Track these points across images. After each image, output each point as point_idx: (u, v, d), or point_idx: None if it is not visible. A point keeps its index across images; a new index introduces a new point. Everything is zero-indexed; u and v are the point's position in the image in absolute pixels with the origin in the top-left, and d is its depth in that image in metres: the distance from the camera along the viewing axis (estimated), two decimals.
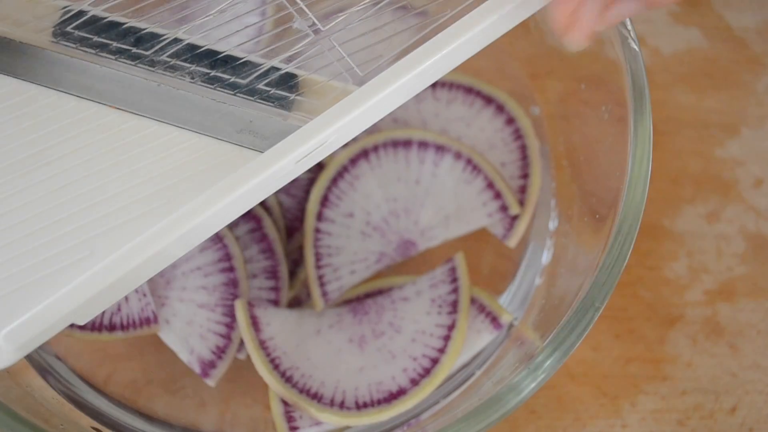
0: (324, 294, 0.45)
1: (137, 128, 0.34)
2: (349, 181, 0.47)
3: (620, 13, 0.32)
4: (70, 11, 0.35)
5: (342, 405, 0.42)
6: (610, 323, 0.49)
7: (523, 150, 0.49)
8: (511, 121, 0.49)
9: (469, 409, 0.35)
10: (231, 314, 0.44)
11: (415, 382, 0.43)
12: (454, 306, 0.44)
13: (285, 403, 0.43)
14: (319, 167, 0.47)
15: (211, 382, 0.44)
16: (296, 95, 0.34)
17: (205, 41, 0.35)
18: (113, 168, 0.33)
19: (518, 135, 0.49)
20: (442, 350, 0.43)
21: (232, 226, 0.46)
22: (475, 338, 0.45)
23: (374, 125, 0.48)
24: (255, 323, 0.43)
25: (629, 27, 0.39)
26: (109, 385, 0.45)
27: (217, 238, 0.45)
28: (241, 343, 0.45)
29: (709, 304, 0.49)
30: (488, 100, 0.49)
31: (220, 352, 0.44)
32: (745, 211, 0.51)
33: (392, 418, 0.43)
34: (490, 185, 0.47)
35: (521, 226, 0.47)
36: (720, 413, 0.47)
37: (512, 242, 0.47)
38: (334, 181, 0.47)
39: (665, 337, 0.49)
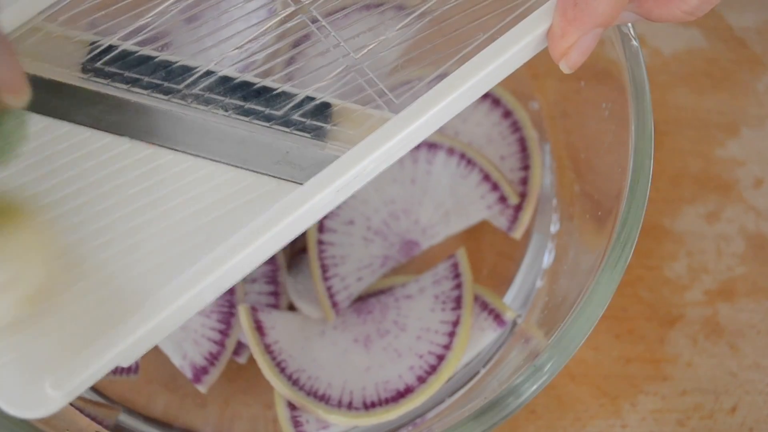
0: (334, 305, 0.45)
1: (173, 164, 0.33)
2: None
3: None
4: (98, 47, 0.34)
5: (350, 405, 0.42)
6: (610, 323, 0.49)
7: (522, 142, 0.49)
8: (507, 114, 0.49)
9: (474, 409, 0.35)
10: (226, 321, 0.44)
11: (422, 380, 0.43)
12: (458, 302, 0.44)
13: (291, 407, 0.43)
14: None
15: (202, 388, 0.44)
16: (332, 125, 0.34)
17: (238, 73, 0.34)
18: (150, 206, 0.32)
19: (516, 127, 0.49)
20: (447, 347, 0.43)
21: None
22: (478, 336, 0.45)
23: None
24: (259, 327, 0.43)
25: (630, 27, 0.39)
26: (109, 386, 0.45)
27: None
28: (240, 346, 0.45)
29: (709, 304, 0.49)
30: (484, 94, 0.49)
31: (213, 358, 0.44)
32: (745, 211, 0.51)
33: (399, 417, 0.43)
34: (486, 177, 0.47)
35: (525, 217, 0.47)
36: (720, 413, 0.47)
37: (518, 233, 0.47)
38: None
39: (665, 337, 0.49)
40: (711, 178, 0.52)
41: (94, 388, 0.45)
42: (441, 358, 0.43)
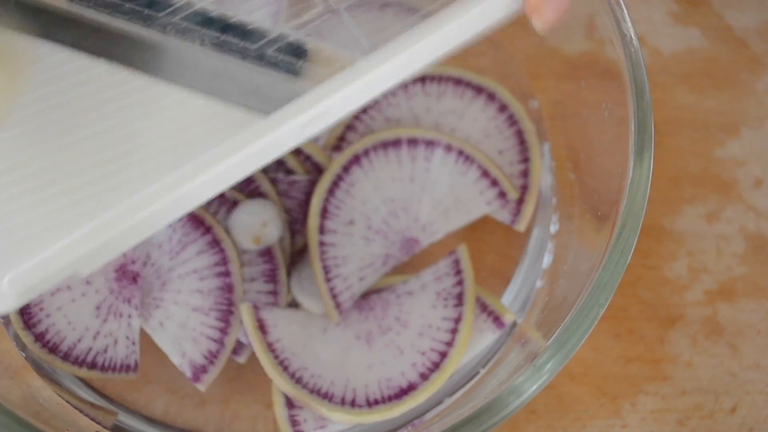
0: (338, 305, 0.45)
1: (146, 87, 0.34)
2: (345, 189, 0.47)
3: None
4: None
5: (353, 403, 0.42)
6: (610, 323, 0.49)
7: (520, 135, 0.49)
8: (503, 108, 0.49)
9: (473, 410, 0.35)
10: (225, 319, 0.44)
11: (424, 377, 0.43)
12: (460, 298, 0.44)
13: (289, 405, 0.43)
14: (315, 179, 0.47)
15: (201, 387, 0.44)
16: (304, 62, 0.35)
17: (216, 6, 0.36)
18: (120, 126, 0.34)
19: (513, 121, 0.49)
20: (450, 343, 0.43)
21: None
22: (478, 338, 0.45)
23: (368, 127, 0.49)
24: (262, 326, 0.43)
25: (629, 26, 0.39)
26: (109, 386, 0.45)
27: (215, 241, 0.45)
28: (239, 346, 0.45)
29: (709, 304, 0.49)
30: (478, 89, 0.49)
31: (212, 357, 0.44)
32: (745, 211, 0.51)
33: (400, 416, 0.43)
34: (485, 173, 0.47)
35: (528, 209, 0.48)
36: (720, 413, 0.47)
37: (521, 226, 0.48)
38: (331, 191, 0.47)
39: (665, 337, 0.49)
40: (711, 178, 0.52)
41: (93, 388, 0.45)
42: (443, 355, 0.43)
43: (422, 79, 0.48)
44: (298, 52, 0.35)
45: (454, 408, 0.43)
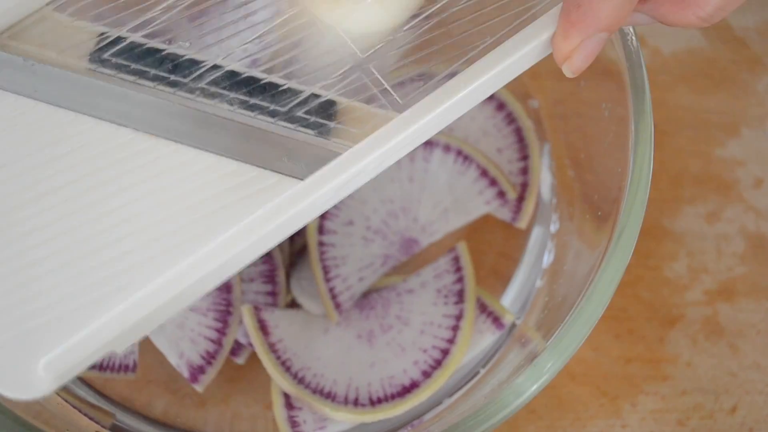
0: (337, 306, 0.45)
1: (174, 155, 0.33)
2: None
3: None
4: (107, 38, 0.34)
5: (356, 402, 0.42)
6: (610, 323, 0.49)
7: (519, 132, 0.49)
8: (501, 106, 0.49)
9: (473, 410, 0.35)
10: (222, 319, 0.44)
11: (427, 375, 0.43)
12: (461, 295, 0.44)
13: (289, 407, 0.43)
14: None
15: (199, 387, 0.43)
16: (336, 123, 0.34)
17: (244, 68, 0.34)
18: (150, 196, 0.32)
19: (511, 119, 0.49)
20: (451, 341, 0.43)
21: None
22: (477, 338, 0.45)
23: None
24: (263, 327, 0.43)
25: (630, 26, 0.39)
26: (108, 386, 0.45)
27: None
28: (238, 347, 0.45)
29: (709, 304, 0.49)
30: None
31: (210, 357, 0.44)
32: (745, 211, 0.51)
33: (399, 416, 0.43)
34: (484, 173, 0.47)
35: (529, 207, 0.48)
36: (720, 413, 0.47)
37: (523, 223, 0.48)
38: None
39: (665, 337, 0.49)
40: (711, 178, 0.52)
41: (92, 387, 0.45)
42: (445, 352, 0.43)
43: (420, 77, 0.48)
44: (329, 112, 0.34)
45: (453, 408, 0.43)
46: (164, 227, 0.32)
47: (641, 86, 0.39)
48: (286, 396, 0.44)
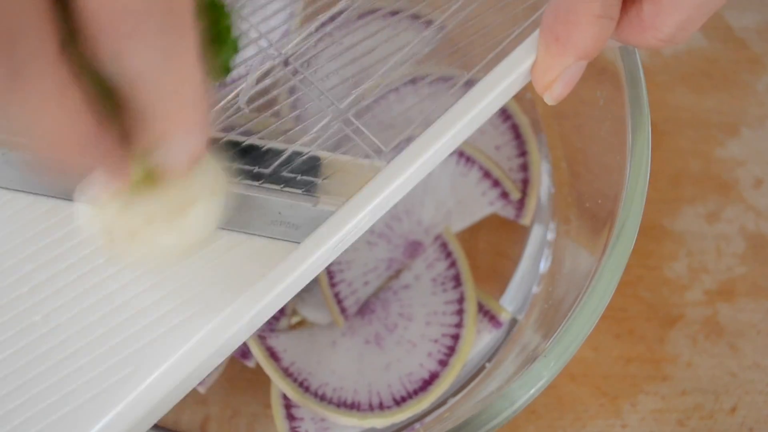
0: (343, 311, 0.45)
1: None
2: None
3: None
4: None
5: (381, 406, 0.42)
6: (610, 323, 0.49)
7: (515, 129, 0.49)
8: None
9: (473, 412, 0.35)
10: None
11: (444, 363, 0.43)
12: (457, 279, 0.45)
13: (290, 418, 0.43)
14: None
15: (201, 388, 0.44)
16: (323, 179, 0.33)
17: (222, 133, 0.34)
18: (146, 276, 0.32)
19: (507, 115, 0.49)
20: (459, 324, 0.44)
21: None
22: (475, 339, 0.45)
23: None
24: (272, 354, 0.43)
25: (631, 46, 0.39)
26: None
27: None
28: (248, 350, 0.45)
29: (709, 304, 0.49)
30: (469, 86, 0.49)
31: None
32: (745, 211, 0.51)
33: (401, 420, 0.43)
34: (487, 174, 0.47)
35: (532, 203, 0.48)
36: (720, 413, 0.47)
37: (526, 219, 0.48)
38: None
39: (665, 337, 0.49)
40: (711, 178, 0.52)
41: None
42: (456, 337, 0.43)
43: (413, 80, 0.48)
44: (314, 167, 0.33)
45: (453, 410, 0.43)
46: (164, 306, 0.31)
47: (638, 86, 0.39)
48: (287, 407, 0.44)
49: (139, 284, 0.32)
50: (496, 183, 0.47)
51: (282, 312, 0.46)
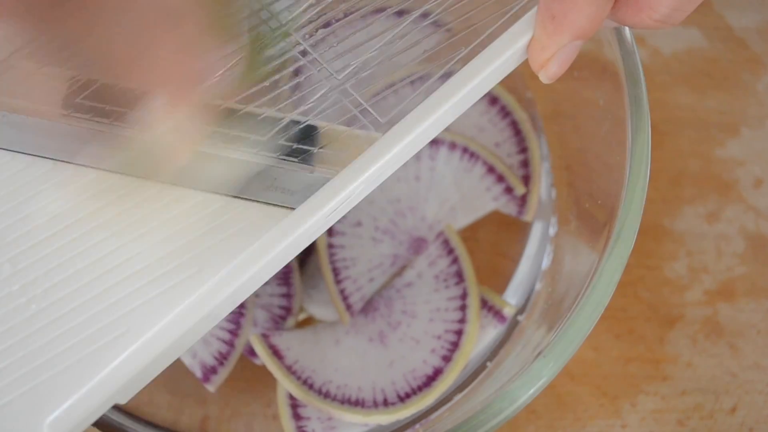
0: (348, 307, 0.45)
1: (160, 195, 0.32)
2: None
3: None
4: (78, 81, 0.33)
5: (386, 403, 0.43)
6: (610, 323, 0.49)
7: (515, 125, 0.49)
8: (494, 100, 0.49)
9: (473, 412, 0.35)
10: (235, 321, 0.44)
11: (447, 359, 0.43)
12: (460, 276, 0.45)
13: (296, 417, 0.43)
14: None
15: (211, 387, 0.44)
16: (319, 148, 0.33)
17: (221, 101, 0.34)
18: (140, 239, 0.32)
19: (506, 112, 0.49)
20: (462, 320, 0.44)
21: None
22: (480, 334, 0.45)
23: None
24: (276, 352, 0.43)
25: (627, 27, 0.39)
26: None
27: None
28: (244, 352, 0.45)
29: (709, 304, 0.49)
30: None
31: (222, 358, 0.44)
32: (745, 211, 0.51)
33: (406, 417, 0.43)
34: (491, 170, 0.47)
35: (534, 199, 0.48)
36: (720, 413, 0.47)
37: (529, 216, 0.48)
38: None
39: (665, 337, 0.49)
40: (711, 178, 0.52)
41: None
42: (459, 333, 0.43)
43: (411, 80, 0.48)
44: (311, 137, 0.33)
45: (454, 410, 0.43)
46: (157, 269, 0.31)
47: (638, 86, 0.39)
48: (293, 407, 0.44)
49: (132, 248, 0.32)
50: (500, 178, 0.47)
51: (289, 311, 0.46)
